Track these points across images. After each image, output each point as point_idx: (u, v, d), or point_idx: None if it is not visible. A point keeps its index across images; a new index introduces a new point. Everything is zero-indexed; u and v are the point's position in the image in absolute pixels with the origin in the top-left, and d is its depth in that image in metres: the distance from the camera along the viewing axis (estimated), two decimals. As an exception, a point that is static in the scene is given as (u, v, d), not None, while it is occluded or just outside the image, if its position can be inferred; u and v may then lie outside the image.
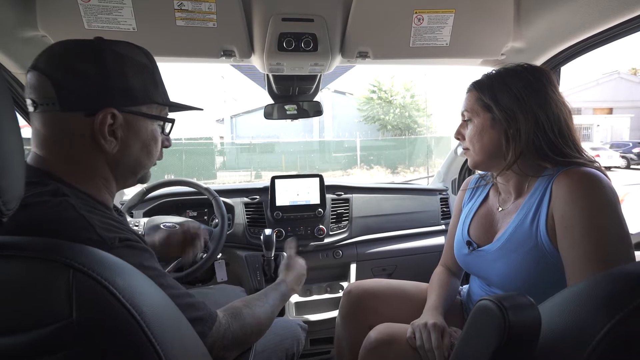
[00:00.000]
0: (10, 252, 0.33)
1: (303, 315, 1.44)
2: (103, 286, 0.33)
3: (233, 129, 18.16)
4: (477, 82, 0.85)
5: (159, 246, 1.05)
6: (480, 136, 0.82)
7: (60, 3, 0.88)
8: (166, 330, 0.38)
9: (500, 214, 0.87)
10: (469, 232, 0.94)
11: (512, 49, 1.12)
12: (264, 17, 0.94)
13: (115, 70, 0.57)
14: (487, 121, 0.81)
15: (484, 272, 0.87)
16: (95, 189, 0.59)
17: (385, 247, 1.64)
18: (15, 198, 0.35)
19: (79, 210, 0.49)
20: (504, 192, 0.89)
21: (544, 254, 0.72)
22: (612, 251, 0.63)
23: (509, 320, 0.37)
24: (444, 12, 1.00)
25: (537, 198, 0.76)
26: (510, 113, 0.77)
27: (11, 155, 0.35)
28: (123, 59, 0.59)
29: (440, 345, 0.78)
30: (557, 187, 0.70)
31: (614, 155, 13.27)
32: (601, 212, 0.65)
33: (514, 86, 0.77)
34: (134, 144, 0.61)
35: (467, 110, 0.85)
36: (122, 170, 0.62)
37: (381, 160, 13.67)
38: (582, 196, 0.66)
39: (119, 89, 0.58)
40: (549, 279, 0.72)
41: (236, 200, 1.60)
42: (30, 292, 0.32)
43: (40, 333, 0.31)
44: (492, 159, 0.83)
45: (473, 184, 1.03)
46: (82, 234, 0.47)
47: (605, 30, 0.93)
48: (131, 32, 0.93)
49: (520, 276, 0.76)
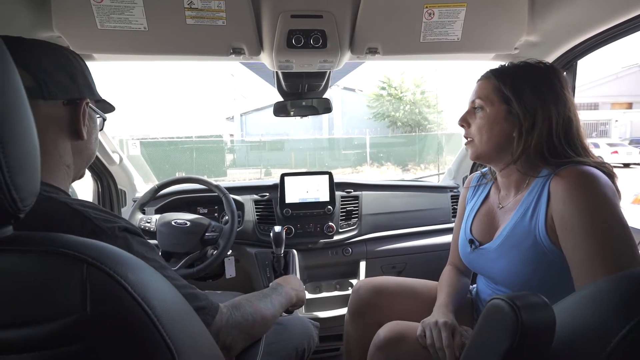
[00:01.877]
0: (26, 246, 0.34)
1: (312, 312, 1.44)
2: (115, 280, 0.34)
3: (243, 126, 18.26)
4: (498, 70, 0.83)
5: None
6: (491, 126, 0.80)
7: (74, 4, 0.89)
8: (176, 324, 0.38)
9: (501, 212, 0.87)
10: (471, 231, 0.93)
11: (526, 43, 1.09)
12: (273, 14, 0.94)
13: (77, 67, 0.63)
14: (502, 113, 0.79)
15: (488, 270, 0.87)
16: (59, 179, 0.60)
17: (395, 244, 1.63)
18: (32, 195, 0.36)
19: (72, 206, 0.50)
20: (504, 189, 0.88)
21: (544, 251, 0.72)
22: (616, 249, 0.62)
23: (522, 320, 0.37)
24: (455, 6, 0.98)
25: (535, 195, 0.75)
26: (530, 109, 0.75)
27: (27, 153, 0.36)
28: (77, 58, 0.64)
29: (451, 344, 0.77)
30: (555, 186, 0.70)
31: (633, 152, 12.86)
32: (600, 210, 0.64)
33: (537, 82, 0.77)
34: (93, 134, 0.67)
35: (480, 98, 0.82)
36: (83, 158, 0.66)
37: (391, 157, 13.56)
38: (579, 195, 0.66)
39: (84, 84, 0.64)
40: (553, 276, 0.72)
41: (246, 198, 1.62)
42: (46, 286, 0.33)
43: (56, 325, 0.32)
44: (498, 152, 0.82)
45: (475, 182, 1.02)
46: (83, 228, 0.48)
47: (624, 22, 0.89)
48: (142, 31, 0.94)
49: (522, 273, 0.76)
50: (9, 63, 0.35)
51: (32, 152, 0.37)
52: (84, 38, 0.95)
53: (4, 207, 0.33)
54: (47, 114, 0.58)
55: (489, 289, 0.92)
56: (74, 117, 0.61)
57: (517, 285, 0.78)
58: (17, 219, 0.36)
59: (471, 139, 0.86)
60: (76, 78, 0.62)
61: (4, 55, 0.34)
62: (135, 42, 0.97)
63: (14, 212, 0.34)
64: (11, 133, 0.33)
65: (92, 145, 0.68)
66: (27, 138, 0.36)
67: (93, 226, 0.49)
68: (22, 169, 0.35)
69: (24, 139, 0.36)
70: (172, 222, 1.27)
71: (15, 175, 0.33)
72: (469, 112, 0.87)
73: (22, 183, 0.34)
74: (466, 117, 0.87)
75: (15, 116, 0.35)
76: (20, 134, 0.35)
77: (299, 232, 1.57)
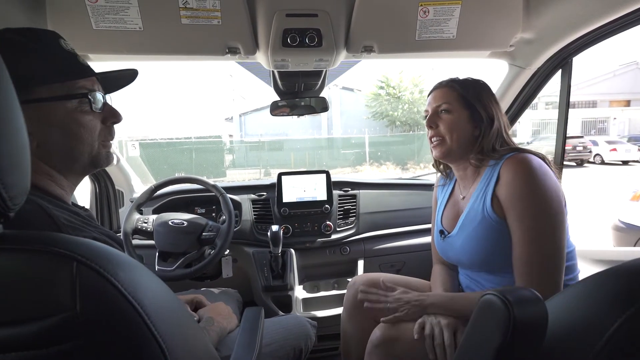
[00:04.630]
0: (14, 245, 0.34)
1: (310, 311, 1.44)
2: (105, 279, 0.33)
3: (242, 127, 18.26)
4: (458, 81, 0.97)
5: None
6: (459, 127, 0.92)
7: (69, 5, 0.89)
8: (168, 323, 0.38)
9: (463, 202, 0.98)
10: (442, 222, 1.03)
11: (521, 40, 1.09)
12: (268, 13, 0.94)
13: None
14: (465, 116, 0.92)
15: (456, 256, 0.97)
16: (45, 184, 0.57)
17: (393, 243, 1.63)
18: (22, 194, 0.36)
19: (47, 211, 0.50)
20: (462, 181, 1.00)
21: (492, 224, 0.84)
22: (542, 228, 0.78)
23: (514, 316, 0.37)
24: (450, 4, 0.98)
25: (486, 181, 0.88)
26: (490, 113, 0.91)
27: (17, 152, 0.36)
28: None
29: (452, 344, 0.79)
30: (505, 170, 0.84)
31: (632, 149, 12.87)
32: (532, 190, 0.79)
33: (488, 93, 0.95)
34: (50, 133, 0.56)
35: (448, 102, 0.94)
36: (57, 161, 0.59)
37: (390, 156, 13.56)
38: (522, 177, 0.80)
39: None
40: (506, 248, 0.82)
41: (243, 197, 1.61)
42: (36, 284, 0.33)
43: (46, 323, 0.32)
44: (462, 149, 0.93)
45: (442, 181, 1.13)
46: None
47: (620, 18, 0.90)
48: (137, 31, 0.94)
49: (478, 248, 0.87)
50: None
51: (22, 151, 0.37)
52: (79, 39, 0.94)
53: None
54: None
55: (463, 277, 1.01)
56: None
57: (478, 261, 0.90)
58: (7, 218, 0.36)
59: (441, 138, 0.95)
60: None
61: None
62: (131, 42, 0.97)
63: (4, 210, 0.34)
64: (0, 132, 0.33)
65: (56, 147, 0.59)
66: (17, 137, 0.36)
67: (59, 231, 0.49)
68: (12, 167, 0.34)
69: (14, 137, 0.36)
70: (169, 222, 1.27)
71: (5, 174, 0.33)
72: (435, 114, 0.96)
73: (12, 182, 0.34)
74: (434, 119, 0.96)
75: (5, 115, 0.34)
76: (10, 133, 0.35)
77: (296, 232, 1.57)
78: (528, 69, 1.21)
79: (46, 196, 0.56)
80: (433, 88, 1.00)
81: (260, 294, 1.46)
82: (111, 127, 0.66)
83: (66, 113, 0.57)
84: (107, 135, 0.65)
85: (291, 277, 1.48)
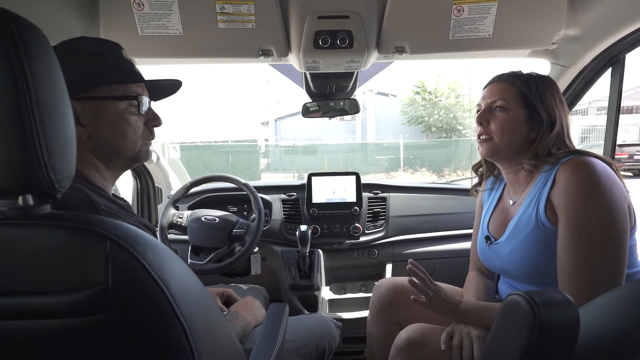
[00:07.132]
0: (59, 222, 0.37)
1: (336, 312, 1.44)
2: (135, 258, 0.36)
3: (277, 131, 18.66)
4: (521, 76, 0.87)
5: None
6: (514, 128, 0.84)
7: (120, 13, 0.96)
8: (192, 306, 0.40)
9: (513, 207, 0.90)
10: (488, 228, 0.97)
11: (565, 37, 1.03)
12: (301, 16, 0.96)
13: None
14: (523, 116, 0.84)
15: (502, 264, 0.90)
16: (90, 174, 0.64)
17: (423, 248, 1.58)
18: (67, 178, 0.40)
19: (90, 197, 0.54)
20: (513, 185, 0.92)
21: (546, 232, 0.77)
22: (602, 244, 0.69)
23: (540, 317, 0.35)
24: (486, 1, 0.94)
25: (540, 186, 0.80)
26: (551, 115, 0.82)
27: (65, 141, 0.40)
28: (65, 53, 0.59)
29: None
30: (561, 174, 0.75)
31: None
32: (593, 198, 0.70)
33: (552, 91, 0.85)
34: (102, 128, 0.64)
35: (504, 99, 0.85)
36: (103, 153, 0.66)
37: (425, 162, 13.20)
38: (579, 183, 0.72)
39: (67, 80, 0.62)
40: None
41: (274, 197, 1.65)
42: (74, 258, 0.36)
43: (82, 295, 0.35)
44: (513, 152, 0.86)
45: (489, 185, 1.04)
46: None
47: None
48: (178, 36, 1.00)
49: (529, 257, 0.80)
50: (53, 61, 0.39)
51: (69, 140, 0.41)
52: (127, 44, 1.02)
53: (43, 188, 0.37)
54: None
55: (505, 286, 0.94)
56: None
57: (527, 272, 0.82)
58: (55, 199, 0.40)
59: (489, 136, 0.87)
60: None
61: (50, 54, 0.39)
62: (171, 47, 1.03)
63: (52, 192, 0.38)
64: (52, 120, 0.37)
65: (104, 141, 0.66)
66: (65, 127, 0.40)
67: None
68: (60, 153, 0.38)
69: (63, 128, 0.40)
70: (202, 218, 1.32)
71: (54, 158, 0.37)
72: (487, 111, 0.88)
73: (60, 166, 0.38)
74: (486, 116, 0.88)
75: (56, 106, 0.39)
76: (59, 124, 0.39)
77: (325, 232, 1.57)
78: (573, 67, 1.13)
79: (89, 184, 0.62)
80: (490, 81, 0.91)
81: (287, 293, 1.48)
82: (152, 129, 0.73)
83: (117, 112, 0.65)
84: (149, 135, 0.73)
85: (318, 277, 1.48)
